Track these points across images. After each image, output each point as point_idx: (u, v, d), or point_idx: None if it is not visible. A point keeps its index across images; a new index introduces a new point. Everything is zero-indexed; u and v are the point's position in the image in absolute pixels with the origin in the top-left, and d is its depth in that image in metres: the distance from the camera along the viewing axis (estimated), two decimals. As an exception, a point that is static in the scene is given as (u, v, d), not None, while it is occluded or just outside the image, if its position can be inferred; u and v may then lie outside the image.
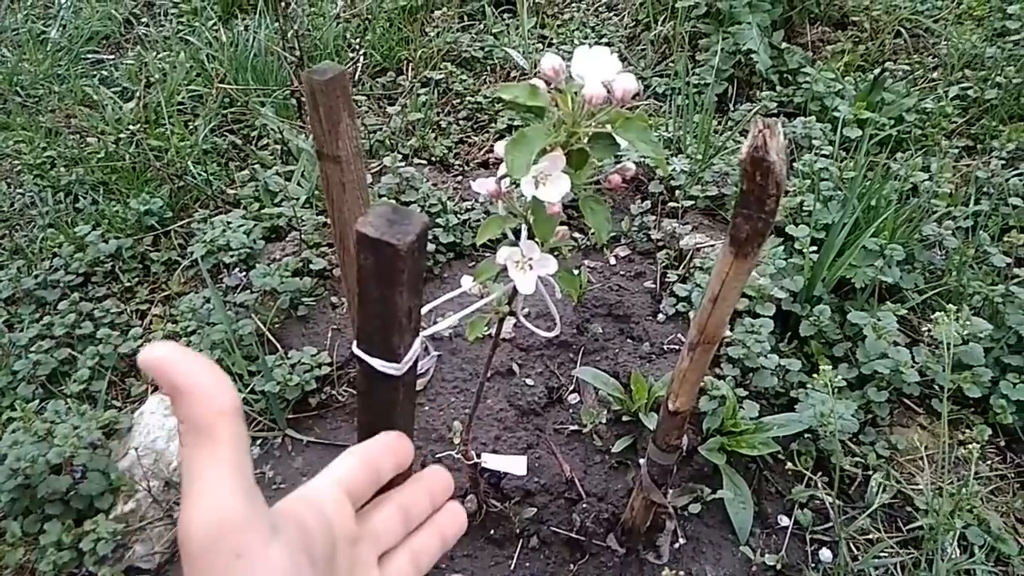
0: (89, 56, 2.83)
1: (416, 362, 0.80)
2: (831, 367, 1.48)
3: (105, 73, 2.67)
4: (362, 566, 0.42)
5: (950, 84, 2.38)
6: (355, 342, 0.77)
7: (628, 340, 1.67)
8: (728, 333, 1.37)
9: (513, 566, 1.29)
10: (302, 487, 0.41)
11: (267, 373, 1.44)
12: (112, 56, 2.84)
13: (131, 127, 2.21)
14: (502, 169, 0.81)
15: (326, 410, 1.52)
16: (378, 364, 0.75)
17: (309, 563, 0.36)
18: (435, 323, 1.47)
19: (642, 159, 2.02)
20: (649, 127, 0.81)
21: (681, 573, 1.07)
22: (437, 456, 1.41)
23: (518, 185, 0.78)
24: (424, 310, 1.01)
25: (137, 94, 2.41)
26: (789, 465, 1.21)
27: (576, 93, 0.76)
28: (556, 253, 0.90)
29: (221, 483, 0.33)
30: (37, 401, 1.53)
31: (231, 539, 0.33)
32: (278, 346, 1.58)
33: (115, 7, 3.08)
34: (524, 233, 0.90)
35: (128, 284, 1.84)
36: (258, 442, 1.46)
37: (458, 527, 0.49)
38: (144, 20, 3.01)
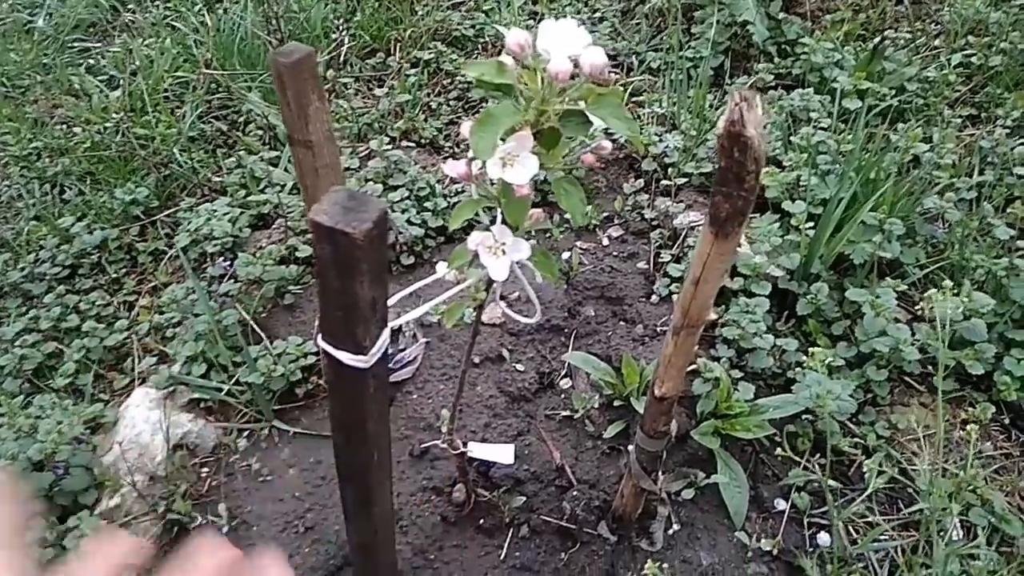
0: (75, 44, 2.79)
1: (386, 354, 0.77)
2: (828, 346, 1.45)
3: (91, 62, 2.63)
4: None
5: (953, 51, 2.31)
6: (319, 335, 0.74)
7: (621, 323, 1.64)
8: (713, 316, 1.33)
9: (503, 556, 1.26)
10: None
11: (250, 364, 1.41)
12: (99, 44, 2.80)
13: (117, 116, 2.17)
14: (472, 150, 0.77)
15: (313, 400, 1.49)
16: (344, 357, 0.72)
17: None
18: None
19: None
20: (622, 103, 0.77)
21: (665, 565, 1.05)
22: (424, 445, 1.38)
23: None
24: (397, 297, 0.97)
25: (123, 82, 2.36)
26: (780, 451, 1.18)
27: (543, 69, 0.72)
28: (530, 235, 0.87)
29: None
30: (23, 396, 1.51)
31: None
32: (263, 336, 1.55)
33: (101, -6, 3.03)
34: (499, 217, 0.86)
35: (115, 275, 1.82)
36: (245, 434, 1.44)
37: None
38: (131, 6, 2.96)
